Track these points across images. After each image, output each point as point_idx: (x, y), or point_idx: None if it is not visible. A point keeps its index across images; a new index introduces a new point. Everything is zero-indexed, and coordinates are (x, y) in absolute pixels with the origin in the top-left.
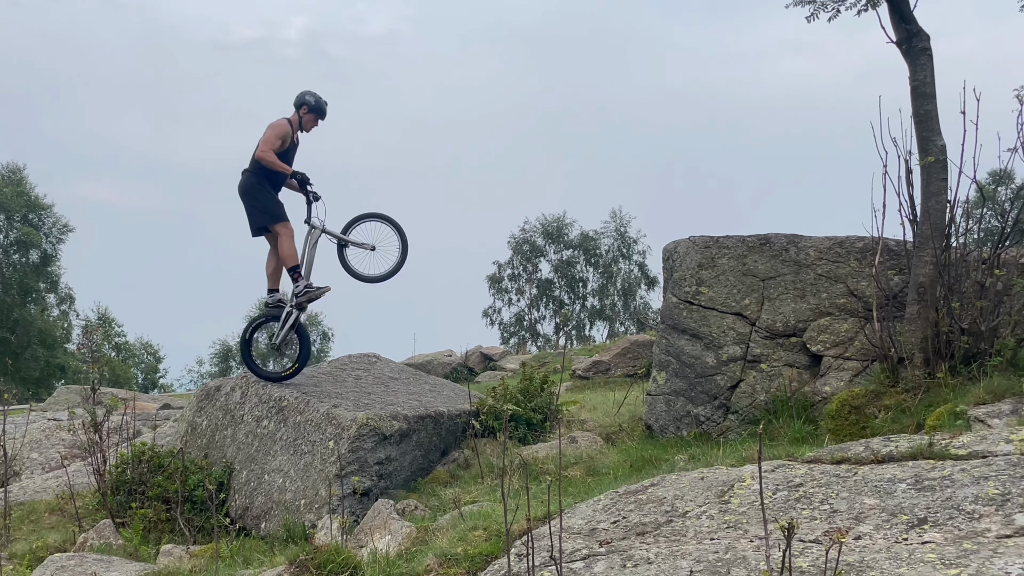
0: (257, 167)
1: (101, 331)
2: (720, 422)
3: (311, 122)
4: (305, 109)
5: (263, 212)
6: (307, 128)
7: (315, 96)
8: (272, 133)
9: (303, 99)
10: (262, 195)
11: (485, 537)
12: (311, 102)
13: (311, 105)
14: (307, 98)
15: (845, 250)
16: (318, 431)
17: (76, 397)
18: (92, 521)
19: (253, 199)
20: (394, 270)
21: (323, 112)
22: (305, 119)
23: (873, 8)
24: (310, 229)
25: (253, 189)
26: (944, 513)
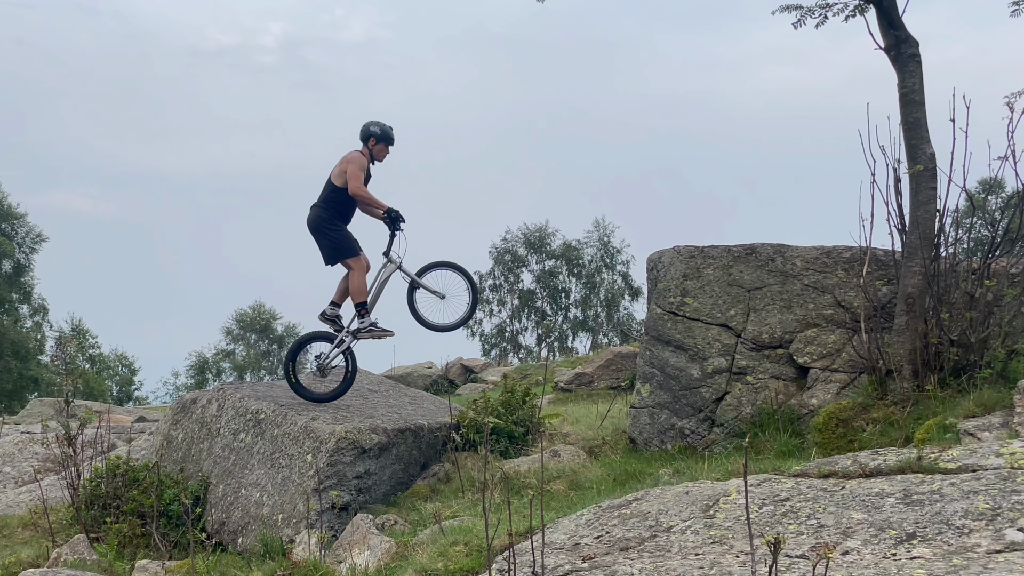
0: (328, 201)
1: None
2: (705, 435)
3: (383, 151)
4: (373, 140)
5: (337, 248)
6: (380, 158)
7: (379, 125)
8: (355, 167)
9: (369, 131)
10: (334, 231)
11: (466, 552)
12: (377, 132)
13: (378, 135)
14: (372, 129)
15: (832, 260)
16: (296, 444)
17: (50, 410)
18: (66, 536)
19: (325, 235)
20: (460, 322)
21: (391, 139)
22: (376, 150)
23: (861, 14)
24: (386, 263)
25: (325, 225)
26: (933, 528)
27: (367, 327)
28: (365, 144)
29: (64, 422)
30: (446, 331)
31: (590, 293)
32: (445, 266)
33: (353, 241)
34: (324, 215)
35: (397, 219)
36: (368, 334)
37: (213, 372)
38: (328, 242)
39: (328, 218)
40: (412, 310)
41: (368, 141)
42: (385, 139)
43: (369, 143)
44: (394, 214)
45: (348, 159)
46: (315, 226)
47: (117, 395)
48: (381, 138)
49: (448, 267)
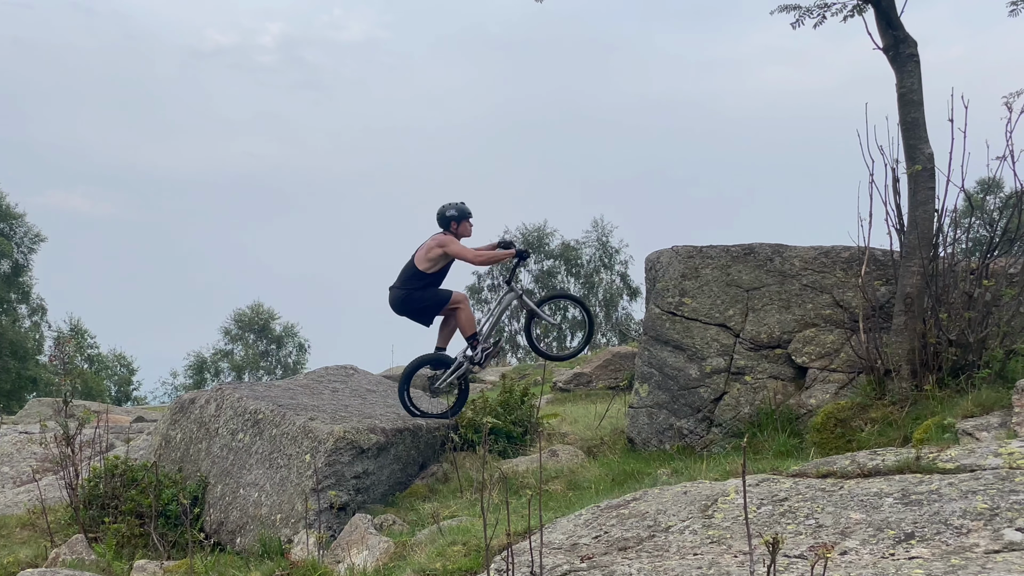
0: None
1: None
2: (703, 435)
3: (467, 228)
4: (454, 224)
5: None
6: (467, 234)
7: (455, 207)
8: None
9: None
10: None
11: (464, 552)
12: (455, 215)
13: (457, 217)
14: (450, 213)
15: (831, 260)
16: (294, 444)
17: (48, 410)
18: (64, 536)
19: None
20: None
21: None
22: (461, 229)
23: (859, 14)
24: (507, 291)
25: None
26: (932, 528)
27: (481, 355)
28: (447, 229)
29: (62, 422)
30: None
31: (588, 293)
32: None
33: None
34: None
35: (525, 255)
36: (486, 359)
37: (211, 372)
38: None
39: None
40: (528, 338)
41: (450, 226)
42: (463, 216)
43: (451, 226)
44: (523, 252)
45: (440, 243)
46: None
47: (115, 395)
48: (460, 217)
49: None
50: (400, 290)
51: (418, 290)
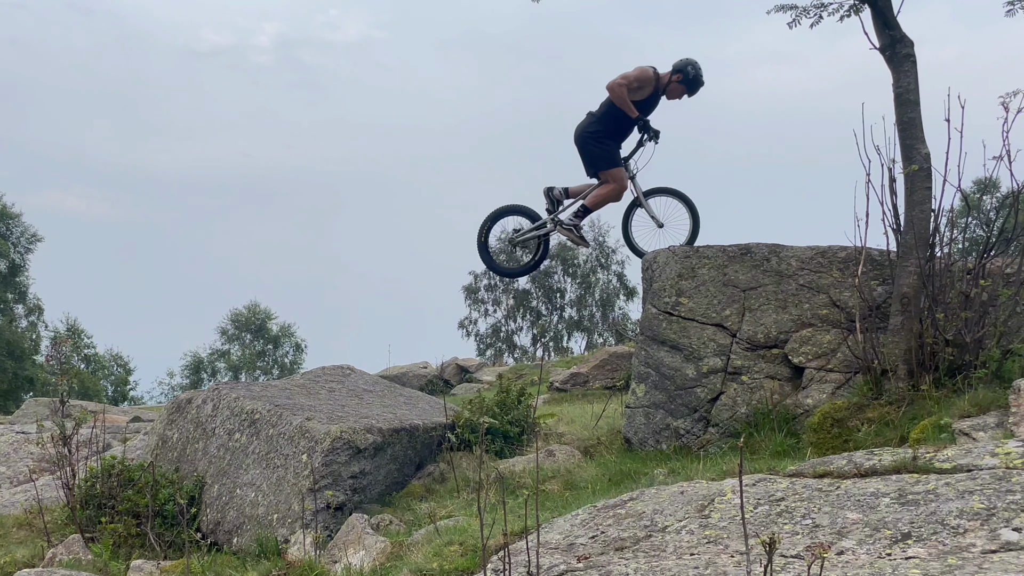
0: (597, 119)
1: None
2: (700, 435)
3: (677, 92)
4: (679, 77)
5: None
6: (671, 95)
7: (696, 69)
8: (633, 74)
9: (682, 66)
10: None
11: (461, 552)
12: (689, 72)
13: (686, 75)
14: (688, 68)
15: (827, 260)
16: (291, 444)
17: (45, 410)
18: (61, 536)
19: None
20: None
21: (695, 87)
22: (673, 86)
23: (856, 14)
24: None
25: (590, 139)
26: (928, 528)
27: (571, 225)
28: (672, 73)
29: (59, 422)
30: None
31: (585, 293)
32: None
33: (617, 155)
34: (593, 128)
35: (647, 128)
36: (568, 232)
37: (208, 372)
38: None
39: (595, 132)
40: (625, 230)
41: (675, 75)
42: (689, 84)
43: (675, 76)
44: (644, 121)
45: (639, 67)
46: (580, 136)
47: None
48: (687, 80)
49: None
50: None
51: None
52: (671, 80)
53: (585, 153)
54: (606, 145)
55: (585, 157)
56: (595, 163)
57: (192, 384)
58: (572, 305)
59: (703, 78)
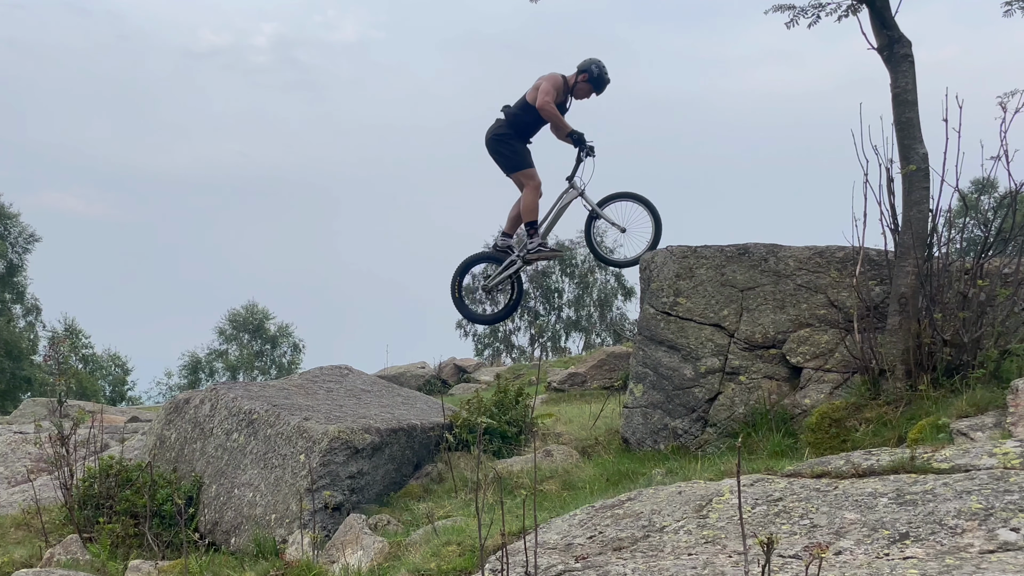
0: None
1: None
2: (698, 435)
3: (585, 91)
4: (585, 76)
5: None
6: (579, 95)
7: (600, 67)
8: (548, 84)
9: (587, 66)
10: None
11: (459, 552)
12: (594, 71)
13: (591, 74)
14: (592, 67)
15: (825, 260)
16: (289, 444)
17: (42, 410)
18: (59, 536)
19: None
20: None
21: (601, 87)
22: (580, 86)
23: (854, 14)
24: (568, 187)
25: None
26: (926, 528)
27: (536, 247)
28: (576, 74)
29: (57, 422)
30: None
31: (583, 293)
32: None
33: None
34: (504, 131)
35: (582, 142)
36: (538, 255)
37: (206, 372)
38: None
39: (506, 134)
40: (589, 242)
41: (580, 75)
42: (595, 83)
43: (580, 76)
44: (578, 136)
45: (546, 77)
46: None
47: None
48: (592, 79)
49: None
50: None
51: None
52: (577, 81)
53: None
54: (514, 147)
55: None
56: (507, 165)
57: (190, 384)
58: (570, 305)
59: (608, 76)
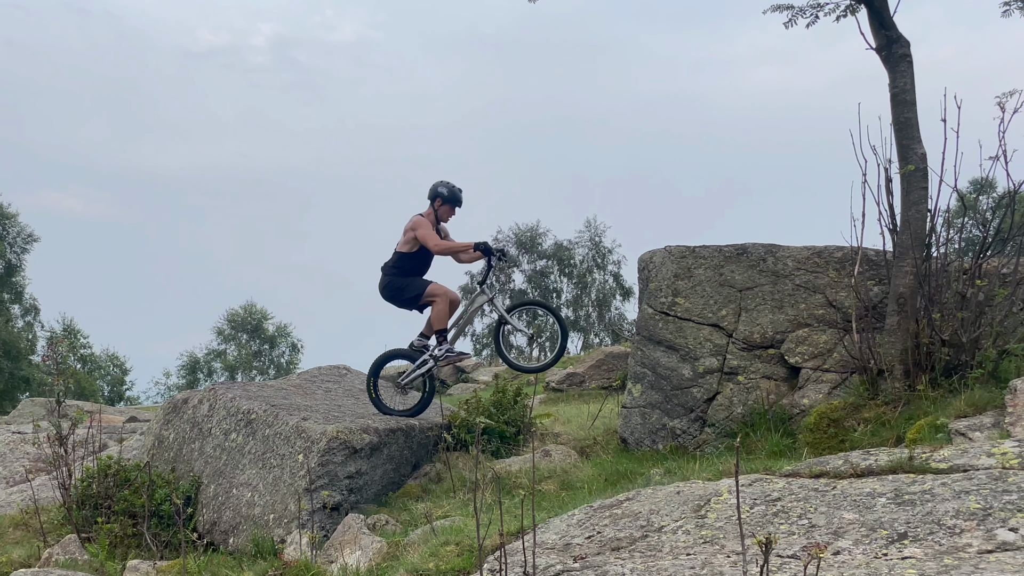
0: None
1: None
2: (696, 435)
3: (447, 213)
4: (439, 201)
5: (415, 297)
6: (444, 219)
7: (448, 187)
8: (425, 230)
9: (436, 191)
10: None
11: (457, 552)
12: (444, 193)
13: (444, 197)
14: (440, 190)
15: (824, 260)
16: (287, 444)
17: (41, 410)
18: (57, 536)
19: (398, 293)
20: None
21: (459, 201)
22: (441, 211)
23: (852, 14)
24: (479, 292)
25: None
26: (925, 528)
27: (443, 354)
28: (431, 204)
29: (55, 422)
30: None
31: (581, 293)
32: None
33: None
34: (394, 280)
35: (490, 251)
36: (446, 360)
37: (204, 372)
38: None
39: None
40: (497, 346)
41: (435, 202)
42: (452, 201)
43: (435, 204)
44: (483, 247)
45: (413, 225)
46: (389, 293)
47: (108, 395)
48: (447, 199)
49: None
50: (387, 275)
51: (398, 276)
52: (436, 210)
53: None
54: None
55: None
56: (414, 299)
57: (188, 384)
58: (568, 305)
59: (457, 187)
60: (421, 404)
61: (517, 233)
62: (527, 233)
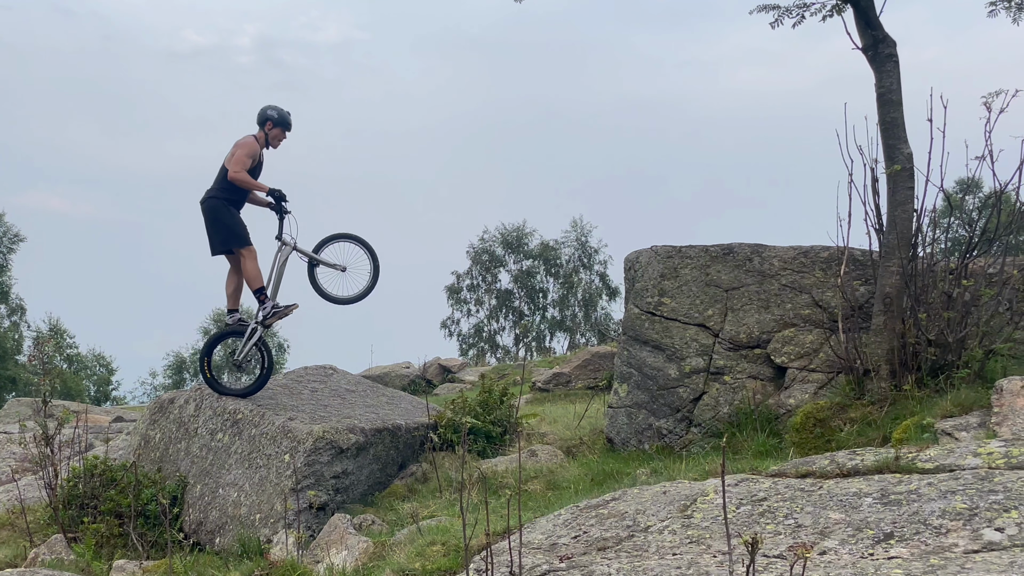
0: (223, 187)
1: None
2: (683, 435)
3: (278, 136)
4: (270, 125)
5: (228, 234)
6: (274, 144)
7: (277, 110)
8: (242, 152)
9: (266, 114)
10: (227, 217)
11: (443, 552)
12: (275, 116)
13: (275, 119)
14: (270, 112)
15: (810, 260)
16: (273, 444)
17: (27, 410)
18: (43, 536)
19: (217, 220)
20: (364, 293)
21: (288, 124)
22: (272, 134)
23: (839, 14)
24: (281, 246)
25: (218, 211)
26: (911, 528)
27: (270, 311)
28: (261, 127)
29: (42, 422)
30: (351, 303)
31: (568, 293)
32: (340, 238)
33: (245, 228)
34: (219, 201)
35: (281, 198)
36: (274, 317)
37: (191, 372)
38: (222, 228)
39: (222, 204)
40: (315, 286)
41: (264, 125)
42: (282, 124)
43: (266, 127)
44: (277, 194)
45: (238, 143)
46: (209, 211)
47: (95, 395)
48: (278, 123)
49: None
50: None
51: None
52: (268, 131)
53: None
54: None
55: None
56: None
57: (175, 384)
58: (555, 305)
59: (286, 110)
60: (262, 377)
61: (503, 233)
62: (513, 233)
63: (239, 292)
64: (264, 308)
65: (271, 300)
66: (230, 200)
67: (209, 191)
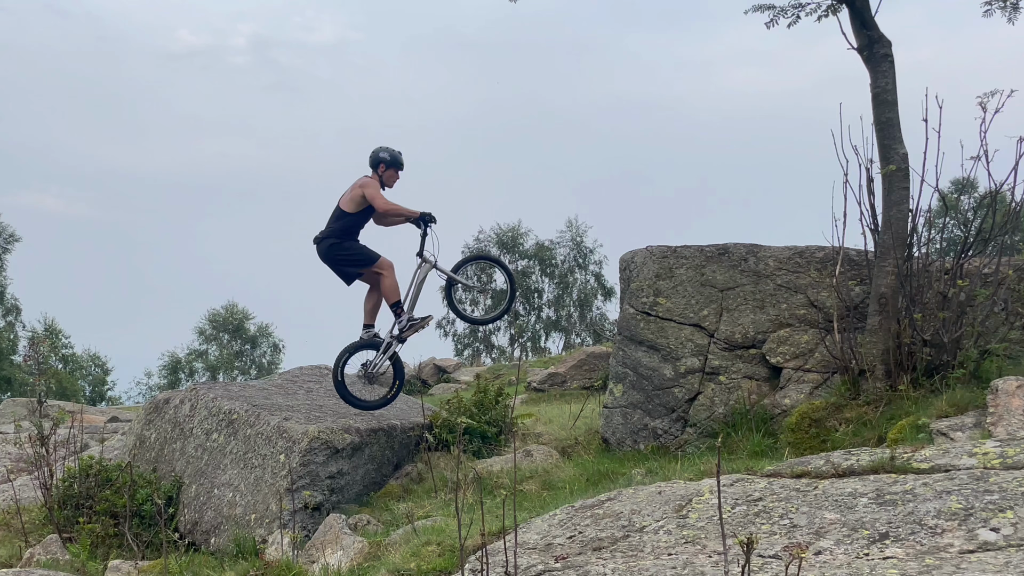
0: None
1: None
2: (678, 435)
3: (393, 177)
4: (383, 167)
5: (357, 262)
6: (390, 184)
7: (389, 151)
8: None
9: (379, 157)
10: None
11: (439, 552)
12: (387, 158)
13: (388, 161)
14: (382, 155)
15: (805, 260)
16: (269, 444)
17: (22, 410)
18: (39, 536)
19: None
20: (500, 314)
21: (400, 164)
22: (387, 176)
23: (834, 14)
24: (421, 263)
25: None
26: (906, 528)
27: (406, 323)
28: (375, 171)
29: (37, 422)
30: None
31: (563, 293)
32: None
33: (368, 248)
34: (336, 240)
35: (428, 219)
36: (410, 330)
37: (186, 372)
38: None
39: (340, 242)
40: (451, 307)
41: (378, 167)
42: (395, 164)
43: (379, 169)
44: (428, 218)
45: (361, 184)
46: (330, 254)
47: (90, 395)
48: (391, 164)
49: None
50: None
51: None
52: (381, 174)
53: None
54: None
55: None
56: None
57: (170, 384)
58: (550, 305)
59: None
60: (394, 391)
61: (499, 233)
62: (508, 233)
63: (377, 308)
64: (400, 321)
65: (407, 313)
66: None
67: (323, 232)
